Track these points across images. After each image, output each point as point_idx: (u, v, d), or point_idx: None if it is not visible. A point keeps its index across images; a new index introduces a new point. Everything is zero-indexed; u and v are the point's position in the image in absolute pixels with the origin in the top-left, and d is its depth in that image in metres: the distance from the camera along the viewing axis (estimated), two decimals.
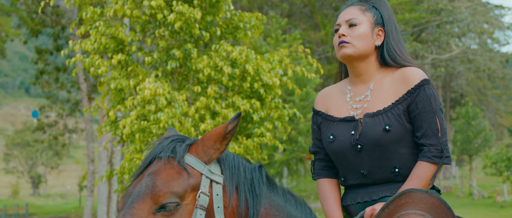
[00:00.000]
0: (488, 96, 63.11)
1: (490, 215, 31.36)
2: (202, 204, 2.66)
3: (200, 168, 2.72)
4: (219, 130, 2.77)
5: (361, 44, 3.33)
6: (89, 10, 9.04)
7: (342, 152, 3.29)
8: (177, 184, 2.65)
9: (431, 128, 3.16)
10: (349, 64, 3.39)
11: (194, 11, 8.71)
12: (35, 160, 72.52)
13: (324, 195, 3.45)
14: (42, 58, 34.76)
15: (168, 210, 2.60)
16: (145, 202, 2.61)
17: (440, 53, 52.14)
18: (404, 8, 39.26)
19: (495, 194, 41.94)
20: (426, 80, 3.21)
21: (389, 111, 3.21)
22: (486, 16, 54.07)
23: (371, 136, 3.20)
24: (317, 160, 3.53)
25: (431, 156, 3.14)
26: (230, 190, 2.78)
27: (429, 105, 3.17)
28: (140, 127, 8.45)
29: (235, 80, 9.12)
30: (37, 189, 76.31)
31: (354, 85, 3.43)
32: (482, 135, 49.72)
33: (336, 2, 37.95)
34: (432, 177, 3.15)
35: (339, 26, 3.40)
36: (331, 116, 3.42)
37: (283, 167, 35.52)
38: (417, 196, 2.92)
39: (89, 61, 8.87)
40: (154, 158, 2.76)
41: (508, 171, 41.21)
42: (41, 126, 38.60)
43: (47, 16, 32.97)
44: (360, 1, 3.47)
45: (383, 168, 3.23)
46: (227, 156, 2.89)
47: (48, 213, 47.62)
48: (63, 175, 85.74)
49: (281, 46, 31.34)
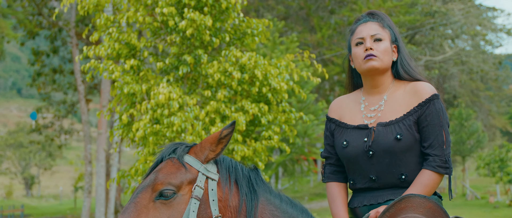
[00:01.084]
0: (480, 97, 63.32)
1: (483, 215, 31.58)
2: (197, 195, 3.00)
3: (197, 166, 3.09)
4: (216, 134, 3.13)
5: (386, 58, 3.59)
6: (102, 17, 9.29)
7: (355, 157, 3.54)
8: (175, 176, 3.04)
9: (438, 140, 3.42)
10: (372, 76, 3.63)
11: (205, 18, 8.99)
12: (29, 161, 72.29)
13: (332, 197, 3.70)
14: (38, 59, 34.87)
15: (165, 197, 2.98)
16: (147, 192, 3.01)
17: (434, 55, 52.39)
18: (399, 11, 39.52)
19: (488, 195, 42.23)
20: (435, 95, 3.48)
21: (400, 122, 3.46)
22: (479, 18, 54.35)
23: (383, 144, 3.44)
24: (328, 165, 3.78)
25: (435, 165, 3.39)
26: (228, 186, 3.13)
27: (437, 119, 3.43)
28: (153, 130, 8.73)
29: (244, 85, 9.40)
30: (30, 190, 76.10)
31: (369, 95, 3.69)
32: (475, 136, 49.97)
33: (332, 5, 38.13)
34: (433, 186, 3.41)
35: (363, 40, 3.61)
36: (345, 123, 3.67)
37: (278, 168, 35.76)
38: (416, 200, 3.15)
39: (103, 67, 9.13)
40: (160, 160, 3.18)
41: (501, 172, 41.50)
42: (38, 127, 38.69)
43: (43, 18, 33.10)
44: (375, 18, 3.73)
45: (391, 174, 3.47)
46: (224, 159, 3.23)
47: (44, 214, 47.63)
48: (56, 176, 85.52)
49: (278, 48, 31.57)
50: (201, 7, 9.53)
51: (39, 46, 36.59)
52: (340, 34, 39.75)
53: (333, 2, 39.16)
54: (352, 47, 3.70)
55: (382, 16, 3.76)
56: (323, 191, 49.73)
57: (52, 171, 76.49)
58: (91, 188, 28.86)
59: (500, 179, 41.65)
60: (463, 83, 59.50)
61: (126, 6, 9.53)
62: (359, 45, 3.63)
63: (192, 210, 2.98)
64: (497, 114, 68.63)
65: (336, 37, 39.81)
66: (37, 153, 70.09)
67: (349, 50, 3.77)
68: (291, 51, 32.16)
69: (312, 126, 30.00)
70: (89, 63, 9.23)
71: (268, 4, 41.13)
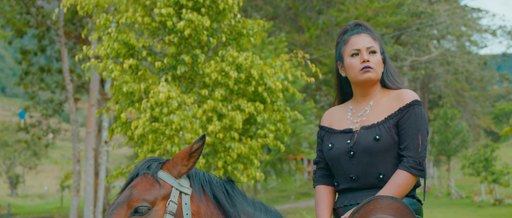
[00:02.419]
0: (465, 97, 63.80)
1: (468, 214, 31.80)
2: (171, 210, 3.10)
3: (170, 182, 3.18)
4: (186, 149, 3.23)
5: (379, 70, 3.78)
6: (102, 17, 9.46)
7: (337, 158, 3.72)
8: (149, 193, 3.12)
9: (413, 142, 3.56)
10: (365, 87, 3.81)
11: (203, 19, 9.20)
12: (13, 160, 71.95)
13: (318, 199, 3.87)
14: (26, 58, 34.83)
15: (140, 213, 3.07)
16: (123, 209, 3.09)
17: (420, 55, 52.72)
18: (386, 11, 39.71)
19: (473, 194, 42.54)
20: (417, 101, 3.65)
21: (381, 124, 3.63)
22: (464, 19, 54.75)
23: (363, 144, 3.62)
24: (318, 169, 3.96)
25: (408, 166, 3.53)
26: (202, 199, 3.23)
27: (415, 123, 3.59)
28: (152, 128, 8.93)
29: (240, 84, 9.62)
30: (15, 189, 75.77)
31: (357, 103, 3.86)
32: (460, 136, 50.36)
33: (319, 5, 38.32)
34: (406, 187, 3.53)
35: (359, 51, 3.76)
36: (333, 129, 3.86)
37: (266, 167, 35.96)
38: (384, 201, 3.27)
39: (102, 66, 9.31)
40: (134, 176, 3.25)
41: (485, 171, 41.86)
42: (26, 126, 38.63)
43: (32, 17, 33.06)
44: (366, 30, 3.89)
45: (370, 173, 3.62)
46: (197, 173, 3.32)
47: (30, 213, 47.48)
48: (40, 175, 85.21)
49: (266, 48, 31.73)
50: (198, 8, 9.73)
51: (26, 45, 36.53)
52: (328, 34, 39.93)
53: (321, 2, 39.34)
54: (345, 57, 3.84)
55: (371, 28, 3.93)
56: (309, 190, 49.96)
57: (37, 170, 76.14)
58: (80, 186, 28.89)
59: (484, 179, 41.99)
60: (448, 83, 59.92)
61: (125, 7, 9.69)
62: (355, 56, 3.78)
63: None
64: (481, 114, 69.19)
65: (324, 37, 39.98)
66: (22, 152, 69.77)
67: (339, 58, 3.92)
68: (280, 51, 32.39)
69: (300, 125, 30.25)
70: (89, 62, 9.38)
71: (257, 4, 41.24)
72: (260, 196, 46.45)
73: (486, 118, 71.57)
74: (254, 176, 9.75)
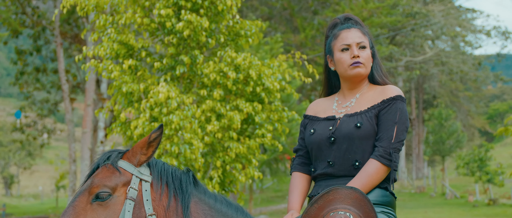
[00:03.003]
0: (460, 98, 63.97)
1: (463, 214, 31.84)
2: (131, 196, 3.19)
3: (131, 170, 3.28)
4: (145, 139, 3.31)
5: (369, 65, 3.82)
6: (101, 18, 9.54)
7: (318, 143, 3.75)
8: (110, 180, 3.22)
9: (387, 133, 3.60)
10: (354, 82, 3.86)
11: (202, 20, 9.29)
12: (8, 160, 71.82)
13: (292, 186, 3.90)
14: (21, 58, 34.84)
15: (101, 199, 3.16)
16: (84, 195, 3.18)
17: (414, 55, 52.86)
18: (381, 12, 39.81)
19: (467, 194, 42.62)
20: (400, 97, 3.70)
21: (363, 113, 3.68)
22: (458, 20, 54.90)
23: (344, 130, 3.66)
24: (297, 157, 3.99)
25: (378, 155, 3.56)
26: (160, 187, 3.32)
27: (393, 115, 3.63)
28: (151, 128, 9.01)
29: (238, 85, 9.72)
30: (9, 189, 75.63)
31: (344, 96, 3.91)
32: (454, 136, 50.50)
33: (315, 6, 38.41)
34: (385, 180, 3.62)
35: (349, 46, 3.79)
36: (317, 117, 3.91)
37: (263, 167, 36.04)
38: (343, 192, 3.27)
39: (102, 66, 9.39)
40: (95, 167, 3.35)
41: (480, 171, 41.99)
42: (21, 126, 38.62)
43: (27, 17, 33.08)
44: (356, 25, 3.92)
45: (347, 160, 3.65)
46: (157, 162, 3.42)
47: (25, 213, 47.41)
48: (35, 175, 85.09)
49: (262, 49, 31.79)
50: (197, 9, 9.82)
51: (22, 45, 36.52)
52: (323, 35, 39.92)
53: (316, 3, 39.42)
54: (334, 52, 3.86)
55: (361, 23, 3.96)
56: None
57: (31, 170, 76.03)
58: (76, 186, 28.92)
59: (479, 178, 42.12)
60: (443, 83, 60.04)
61: (124, 8, 9.77)
62: (345, 51, 3.80)
63: (128, 210, 3.16)
64: (475, 114, 69.39)
65: (319, 37, 40.02)
66: (17, 152, 69.66)
67: (329, 52, 3.95)
68: (276, 52, 32.44)
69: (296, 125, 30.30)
70: (89, 62, 9.46)
71: (252, 5, 41.28)
72: (255, 195, 46.55)
73: (481, 118, 71.81)
74: (252, 175, 9.84)
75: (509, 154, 68.71)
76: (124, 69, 9.47)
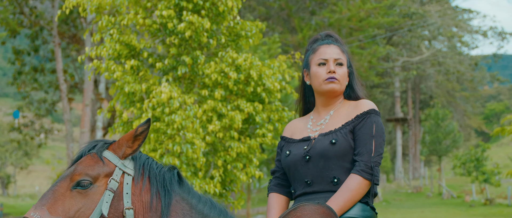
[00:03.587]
0: (456, 98, 64.12)
1: (459, 214, 31.96)
2: (111, 188, 3.17)
3: (115, 161, 3.26)
4: (132, 132, 3.28)
5: (344, 82, 3.82)
6: (104, 19, 9.63)
7: (294, 163, 3.72)
8: (93, 169, 3.20)
9: (366, 148, 3.56)
10: (328, 97, 3.84)
11: (203, 21, 9.40)
12: (4, 160, 71.75)
13: (269, 207, 3.89)
14: (19, 58, 34.89)
15: (82, 187, 3.14)
16: (66, 181, 3.17)
17: (411, 56, 53.02)
18: (378, 12, 39.91)
19: (464, 194, 42.76)
20: (373, 110, 3.68)
21: (338, 131, 3.65)
22: (455, 20, 55.06)
23: (319, 148, 3.63)
24: (274, 178, 3.97)
25: (359, 169, 3.50)
26: (142, 182, 3.29)
27: (370, 129, 3.60)
28: (153, 127, 9.12)
29: (239, 85, 9.82)
30: (6, 189, 75.55)
31: (318, 113, 3.89)
32: (451, 136, 50.69)
33: (312, 6, 38.51)
34: (357, 191, 3.51)
35: (326, 61, 3.78)
36: (293, 138, 3.88)
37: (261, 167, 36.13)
38: (310, 208, 3.24)
39: (105, 67, 9.49)
40: (80, 155, 3.33)
41: (476, 171, 42.13)
42: (18, 126, 38.64)
43: (25, 17, 33.12)
44: (336, 42, 3.92)
45: (325, 177, 3.61)
46: (142, 156, 3.38)
47: (22, 213, 47.28)
48: (32, 175, 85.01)
49: (260, 49, 31.89)
50: (198, 10, 9.93)
51: (20, 45, 36.55)
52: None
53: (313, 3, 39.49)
54: (311, 66, 3.85)
55: (340, 41, 3.94)
56: None
57: (28, 170, 75.95)
58: None
59: (475, 178, 42.27)
60: (439, 83, 60.21)
61: (125, 9, 9.87)
62: (322, 65, 3.80)
63: (106, 201, 3.14)
64: (472, 114, 69.55)
65: None
66: (13, 152, 69.60)
67: (306, 66, 3.94)
68: (274, 52, 32.56)
69: None
70: (91, 63, 9.56)
71: (250, 5, 41.36)
72: (253, 195, 46.63)
73: (477, 118, 71.95)
74: (253, 174, 9.94)
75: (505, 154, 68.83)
76: (126, 69, 9.56)
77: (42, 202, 3.10)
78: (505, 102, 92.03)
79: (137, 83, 9.46)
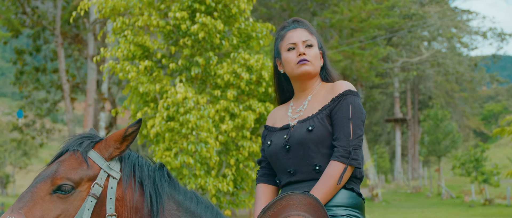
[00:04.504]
0: (455, 98, 64.25)
1: (459, 214, 32.06)
2: (94, 193, 2.98)
3: (100, 163, 3.06)
4: (121, 132, 3.08)
5: (317, 63, 3.71)
6: (118, 20, 9.79)
7: (276, 154, 3.65)
8: (75, 172, 2.99)
9: (344, 131, 3.44)
10: (303, 81, 3.75)
11: (216, 23, 9.57)
12: (3, 160, 71.73)
13: (257, 197, 3.82)
14: (20, 58, 34.99)
15: (63, 192, 2.94)
16: (46, 184, 2.96)
17: (411, 56, 53.16)
18: (379, 13, 40.04)
19: (463, 194, 42.94)
20: (350, 91, 3.55)
21: (315, 116, 3.55)
22: (454, 21, 55.20)
23: (297, 137, 3.54)
24: (261, 168, 3.89)
25: (338, 155, 3.40)
26: (129, 185, 3.10)
27: (346, 111, 3.48)
28: (168, 127, 9.28)
29: (251, 85, 10.00)
30: (5, 189, 75.54)
31: (297, 99, 3.81)
32: (450, 137, 50.82)
33: (314, 7, 38.65)
34: (339, 177, 3.40)
35: (295, 45, 3.70)
36: (274, 127, 3.80)
37: None
38: (296, 198, 3.16)
39: (120, 67, 9.66)
40: (65, 151, 3.13)
41: (475, 171, 42.30)
42: (19, 126, 38.73)
43: (27, 17, 33.22)
44: (303, 25, 3.83)
45: (306, 166, 3.52)
46: (130, 156, 3.19)
47: None
48: (30, 175, 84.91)
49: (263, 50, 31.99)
50: (210, 12, 10.10)
51: (22, 45, 36.64)
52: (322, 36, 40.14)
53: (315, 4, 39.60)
54: (282, 53, 3.77)
55: (308, 24, 3.85)
56: None
57: (27, 170, 75.94)
58: None
59: (475, 179, 42.42)
60: (438, 84, 60.33)
61: (138, 10, 10.03)
62: (291, 50, 3.72)
63: (87, 208, 2.98)
64: (470, 115, 69.70)
65: None
66: (12, 152, 69.60)
67: (277, 55, 3.85)
68: None
69: None
70: (107, 63, 9.73)
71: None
72: None
73: (475, 119, 72.10)
74: None
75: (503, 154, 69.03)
76: (140, 70, 9.71)
77: (19, 204, 2.91)
78: (503, 103, 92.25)
79: (151, 84, 9.61)
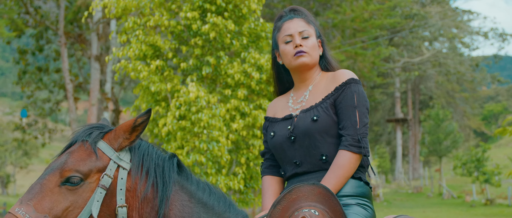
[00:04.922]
0: (456, 98, 64.29)
1: (461, 214, 32.10)
2: (104, 184, 2.98)
3: (109, 154, 3.06)
4: (130, 122, 3.08)
5: (315, 54, 3.69)
6: (130, 21, 9.87)
7: (280, 145, 3.61)
8: (84, 163, 2.99)
9: (350, 120, 3.42)
10: (302, 72, 3.72)
11: (227, 23, 9.67)
12: (4, 159, 71.80)
13: (264, 190, 3.78)
14: (23, 58, 35.05)
15: (72, 184, 2.94)
16: (55, 176, 2.97)
17: (412, 56, 53.24)
18: (381, 13, 40.08)
19: (464, 194, 42.98)
20: (353, 79, 3.54)
21: (319, 105, 3.52)
22: (455, 21, 55.27)
23: (302, 127, 3.51)
24: (265, 160, 3.87)
25: (347, 144, 3.38)
26: (139, 176, 3.10)
27: (351, 100, 3.46)
28: (179, 126, 9.37)
29: (261, 85, 10.09)
30: (5, 188, 75.62)
31: (297, 90, 3.78)
32: (451, 136, 50.91)
33: (316, 7, 38.72)
34: (358, 170, 3.46)
35: (291, 37, 3.67)
36: (276, 118, 3.76)
37: None
38: (305, 189, 3.13)
39: (132, 67, 9.75)
40: (74, 141, 3.12)
41: (477, 171, 42.36)
42: (22, 126, 38.80)
43: (30, 17, 33.28)
44: (299, 14, 3.80)
45: (312, 156, 3.49)
46: (141, 146, 3.18)
47: None
48: (31, 175, 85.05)
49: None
50: (220, 12, 10.19)
51: (24, 45, 36.69)
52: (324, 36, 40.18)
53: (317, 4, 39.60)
54: (279, 44, 3.75)
55: (305, 12, 3.83)
56: None
57: (27, 169, 76.02)
58: None
59: (476, 179, 42.46)
60: (439, 84, 60.38)
61: (149, 10, 10.12)
62: (288, 42, 3.69)
63: (97, 199, 2.97)
64: (471, 115, 69.73)
65: None
66: (13, 151, 69.67)
67: (276, 47, 3.82)
68: None
69: None
70: (119, 63, 9.82)
71: None
72: None
73: (476, 119, 72.11)
74: None
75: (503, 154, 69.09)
76: (151, 69, 9.80)
77: (28, 196, 2.92)
78: (504, 103, 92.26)
79: (162, 83, 9.71)
